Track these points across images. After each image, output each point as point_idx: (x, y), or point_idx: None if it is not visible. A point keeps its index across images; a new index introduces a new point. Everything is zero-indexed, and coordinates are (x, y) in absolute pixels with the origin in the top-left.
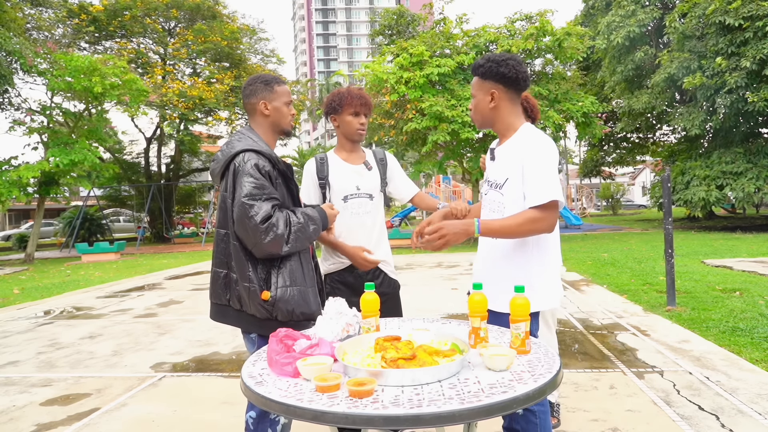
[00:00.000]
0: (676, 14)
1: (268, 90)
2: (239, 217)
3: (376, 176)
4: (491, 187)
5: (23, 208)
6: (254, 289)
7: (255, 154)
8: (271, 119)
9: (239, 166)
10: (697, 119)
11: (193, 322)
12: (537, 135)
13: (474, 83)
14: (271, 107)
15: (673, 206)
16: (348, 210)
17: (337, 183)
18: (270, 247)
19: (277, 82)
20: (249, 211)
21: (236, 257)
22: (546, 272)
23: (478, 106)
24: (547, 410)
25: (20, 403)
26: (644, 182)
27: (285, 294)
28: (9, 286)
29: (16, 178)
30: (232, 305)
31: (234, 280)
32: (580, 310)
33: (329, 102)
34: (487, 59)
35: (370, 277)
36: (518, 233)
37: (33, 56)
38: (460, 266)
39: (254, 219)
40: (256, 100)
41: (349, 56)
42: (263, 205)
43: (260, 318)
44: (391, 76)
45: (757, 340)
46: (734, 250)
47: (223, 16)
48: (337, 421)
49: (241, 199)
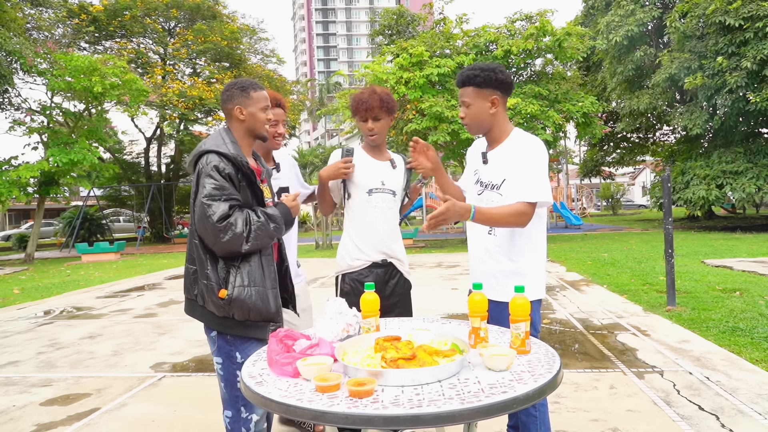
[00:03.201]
0: (676, 14)
1: (244, 96)
2: (199, 216)
3: (400, 175)
4: (486, 188)
5: (23, 208)
6: (211, 286)
7: (217, 156)
8: (246, 124)
9: (202, 167)
10: (698, 119)
11: (193, 322)
12: (530, 138)
13: (468, 92)
14: (246, 113)
15: (673, 206)
16: (371, 203)
17: (363, 176)
18: (229, 245)
19: (254, 87)
20: (207, 211)
21: (197, 255)
22: (539, 263)
23: (478, 113)
24: (545, 404)
25: (20, 403)
26: (644, 182)
27: (242, 293)
28: (9, 286)
29: (15, 178)
30: (198, 301)
31: (198, 276)
32: (580, 310)
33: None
34: (479, 69)
35: (387, 276)
36: (503, 223)
37: (33, 56)
38: (460, 266)
39: (212, 218)
40: (231, 105)
41: (349, 56)
42: (221, 205)
43: (218, 316)
44: (391, 76)
45: (757, 340)
46: (734, 250)
47: (223, 16)
48: (337, 421)
49: (201, 199)
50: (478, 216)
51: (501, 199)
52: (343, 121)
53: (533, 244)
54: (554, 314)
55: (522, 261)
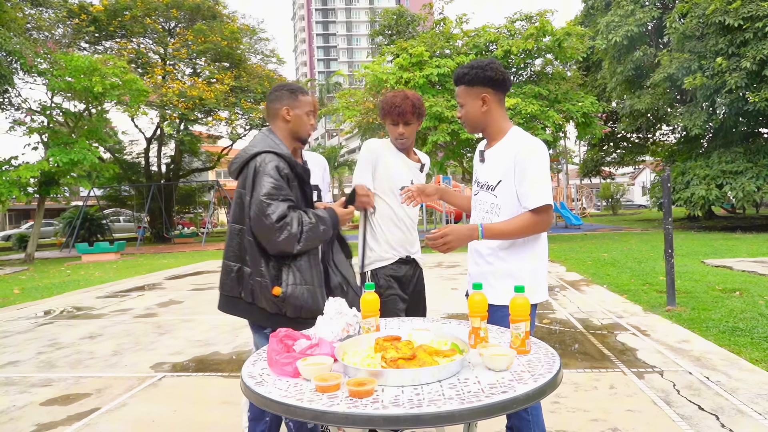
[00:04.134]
0: (675, 14)
1: (293, 98)
2: (256, 214)
3: (424, 177)
4: (482, 188)
5: (23, 208)
6: (266, 284)
7: (275, 156)
8: (291, 126)
9: (260, 166)
10: (698, 119)
11: (193, 322)
12: (528, 138)
13: (460, 92)
14: (293, 114)
15: (673, 206)
16: (400, 199)
17: (396, 174)
18: (283, 245)
19: (302, 92)
20: (266, 210)
21: (251, 252)
22: (535, 266)
23: (470, 112)
24: (539, 407)
25: (20, 403)
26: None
27: (295, 291)
28: (9, 286)
29: (16, 178)
30: (244, 298)
31: (248, 274)
32: (580, 310)
33: (379, 109)
34: (470, 67)
35: (411, 272)
36: (520, 235)
37: (33, 56)
38: (460, 266)
39: (270, 217)
40: (279, 105)
41: (349, 56)
42: (280, 204)
43: (270, 312)
44: (391, 76)
45: (757, 340)
46: (734, 250)
47: (223, 16)
48: (337, 421)
49: (259, 198)
50: (488, 234)
51: (496, 201)
52: (343, 121)
53: (527, 245)
54: (554, 314)
55: (515, 263)
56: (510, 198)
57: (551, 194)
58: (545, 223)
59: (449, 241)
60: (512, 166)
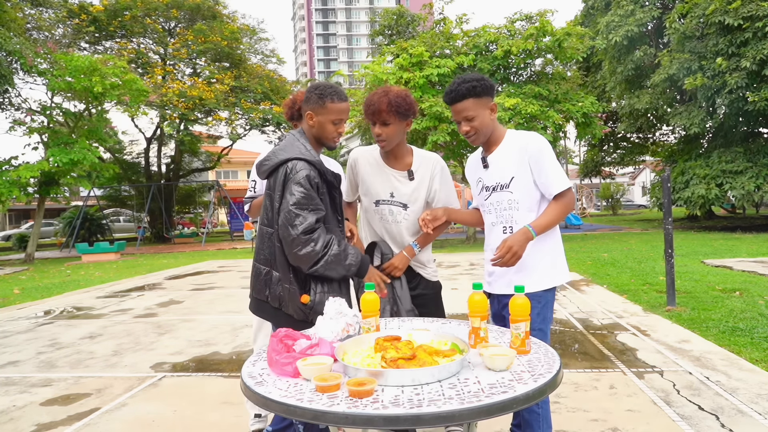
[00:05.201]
0: (675, 15)
1: (320, 104)
2: (284, 222)
3: (417, 186)
4: (494, 190)
5: (23, 208)
6: (294, 290)
7: (307, 165)
8: (314, 131)
9: (291, 173)
10: (698, 119)
11: (193, 322)
12: (529, 134)
13: (470, 105)
14: (316, 120)
15: (673, 206)
16: (378, 214)
17: (372, 185)
18: (302, 259)
19: (332, 97)
20: (294, 220)
21: (279, 258)
22: (556, 249)
23: (483, 123)
24: (547, 401)
25: (20, 403)
26: (644, 182)
27: (323, 300)
28: (9, 286)
29: (16, 178)
30: (270, 302)
31: (276, 278)
32: (580, 310)
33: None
34: (474, 79)
35: (409, 276)
36: (560, 219)
37: (33, 56)
38: (460, 266)
39: (297, 228)
40: (306, 107)
41: (349, 56)
42: (309, 216)
43: (296, 319)
44: (391, 76)
45: (757, 340)
46: (734, 250)
47: (223, 16)
48: (337, 421)
49: (289, 207)
50: (539, 230)
51: (513, 197)
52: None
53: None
54: (554, 314)
55: (540, 252)
56: (526, 190)
57: (566, 177)
58: (571, 204)
59: (516, 251)
60: (525, 160)
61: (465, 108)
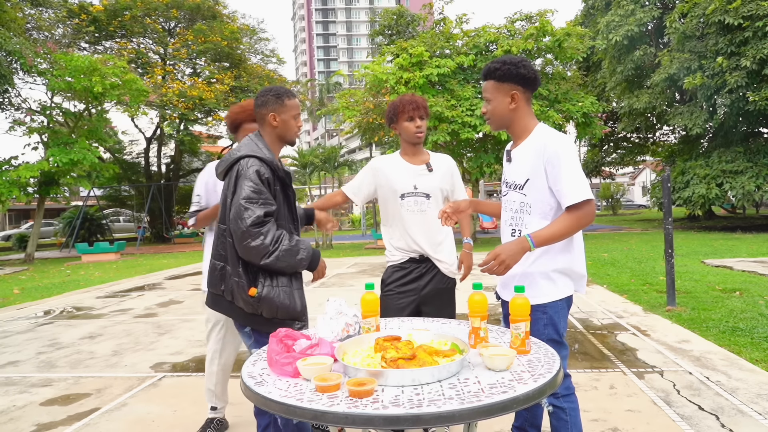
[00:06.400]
0: (676, 14)
1: (279, 103)
2: (234, 216)
3: (437, 177)
4: (510, 188)
5: (23, 208)
6: (242, 284)
7: (257, 161)
8: (279, 130)
9: (242, 169)
10: (698, 119)
11: (193, 322)
12: (554, 134)
13: (489, 87)
14: (280, 119)
15: (673, 206)
16: (403, 207)
17: (396, 181)
18: (252, 252)
19: (288, 95)
20: (243, 213)
21: (230, 253)
22: (577, 258)
23: (497, 108)
24: (576, 407)
25: (20, 403)
26: (644, 182)
27: (270, 292)
28: (9, 286)
29: (15, 178)
30: (225, 296)
31: (229, 272)
32: (580, 310)
33: (388, 115)
34: (502, 62)
35: (425, 270)
36: (567, 234)
37: (33, 56)
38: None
39: (246, 221)
40: (266, 111)
41: (349, 56)
42: (257, 209)
43: (247, 312)
44: (391, 76)
45: (757, 340)
46: (734, 250)
47: (223, 16)
48: (337, 421)
49: (239, 201)
50: (539, 242)
51: (525, 200)
52: (343, 121)
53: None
54: None
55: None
56: (540, 195)
57: (589, 187)
58: (588, 218)
59: (503, 260)
60: (541, 164)
61: (485, 88)
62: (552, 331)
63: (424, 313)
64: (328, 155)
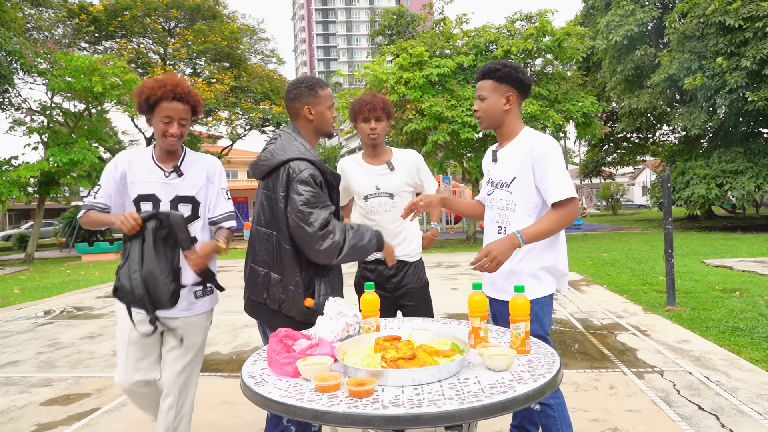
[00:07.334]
0: (676, 14)
1: (312, 95)
2: (297, 223)
3: (399, 176)
4: (496, 186)
5: (23, 208)
6: (299, 293)
7: (309, 165)
8: (315, 123)
9: (294, 174)
10: (698, 119)
11: None
12: (541, 136)
13: (486, 85)
14: (315, 112)
15: (673, 206)
16: (368, 208)
17: (357, 184)
18: (325, 254)
19: (320, 85)
20: (308, 218)
21: (287, 261)
22: (561, 256)
23: (492, 107)
24: (562, 402)
25: (20, 403)
26: (644, 182)
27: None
28: (9, 286)
29: (15, 178)
30: (269, 305)
31: (275, 280)
32: (580, 310)
33: (349, 114)
34: (503, 64)
35: (395, 271)
36: (554, 231)
37: (33, 56)
38: (460, 266)
39: (314, 225)
40: (300, 104)
41: (349, 56)
42: (321, 212)
43: (298, 321)
44: (391, 76)
45: (757, 340)
46: (734, 250)
47: (223, 16)
48: (337, 421)
49: (299, 207)
50: (528, 238)
51: (511, 197)
52: (342, 121)
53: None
54: (554, 314)
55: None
56: (525, 193)
57: (573, 187)
58: (573, 214)
59: (495, 256)
60: (528, 163)
61: (481, 87)
62: (537, 327)
63: (404, 314)
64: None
